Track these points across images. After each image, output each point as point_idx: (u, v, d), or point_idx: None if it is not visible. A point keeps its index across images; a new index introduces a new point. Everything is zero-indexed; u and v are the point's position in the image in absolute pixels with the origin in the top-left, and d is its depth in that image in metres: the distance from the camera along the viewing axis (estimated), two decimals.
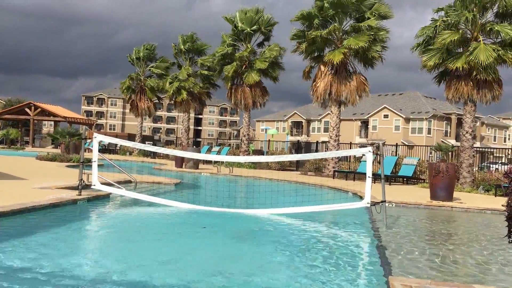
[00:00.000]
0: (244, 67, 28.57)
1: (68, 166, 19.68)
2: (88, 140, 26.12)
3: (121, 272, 5.00)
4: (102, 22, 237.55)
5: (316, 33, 21.54)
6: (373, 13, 21.44)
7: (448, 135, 60.67)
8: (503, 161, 32.15)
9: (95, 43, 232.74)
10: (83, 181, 9.93)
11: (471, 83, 17.22)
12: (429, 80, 23.98)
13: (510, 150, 24.32)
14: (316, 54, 22.84)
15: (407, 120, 60.12)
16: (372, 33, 21.09)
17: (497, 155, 42.27)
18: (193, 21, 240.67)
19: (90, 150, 11.65)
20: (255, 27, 28.62)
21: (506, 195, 7.49)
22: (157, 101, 41.44)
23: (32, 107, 49.90)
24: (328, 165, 22.77)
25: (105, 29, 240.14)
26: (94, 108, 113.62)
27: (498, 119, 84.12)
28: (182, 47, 35.51)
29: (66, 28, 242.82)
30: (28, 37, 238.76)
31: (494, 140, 70.81)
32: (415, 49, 18.47)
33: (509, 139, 79.31)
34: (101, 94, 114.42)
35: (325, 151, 25.55)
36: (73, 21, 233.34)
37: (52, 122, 61.79)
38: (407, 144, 43.08)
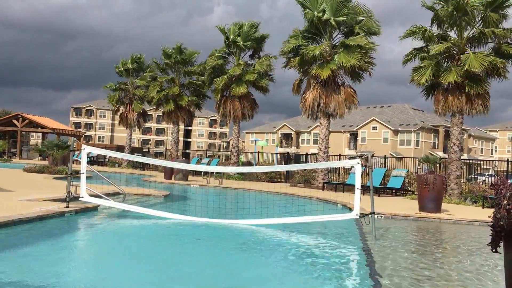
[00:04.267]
0: (234, 79, 28.72)
1: (55, 178, 19.49)
2: (77, 152, 25.94)
3: (108, 287, 4.94)
4: (99, 36, 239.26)
5: (305, 50, 21.69)
6: (362, 28, 21.69)
7: (436, 147, 61.18)
8: (490, 173, 32.49)
9: (89, 57, 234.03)
10: (71, 193, 9.83)
11: (461, 96, 17.42)
12: (418, 93, 24.27)
13: (496, 162, 24.58)
14: (305, 67, 23.00)
15: (396, 132, 60.57)
16: (364, 51, 21.34)
17: (484, 167, 42.72)
18: (189, 36, 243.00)
19: (79, 162, 11.57)
20: (249, 43, 28.83)
21: (493, 207, 7.57)
22: (145, 112, 41.38)
23: (20, 119, 49.51)
24: (318, 176, 22.82)
25: (101, 43, 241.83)
26: (82, 119, 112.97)
27: (485, 131, 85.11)
28: (167, 61, 35.44)
29: (62, 42, 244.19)
30: (23, 50, 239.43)
31: (481, 152, 71.54)
32: (405, 63, 18.71)
33: (495, 151, 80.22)
34: (90, 106, 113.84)
35: (315, 162, 25.63)
36: (69, 35, 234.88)
37: (40, 134, 61.30)
38: (395, 156, 43.36)
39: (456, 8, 16.87)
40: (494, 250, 3.76)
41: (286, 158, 35.55)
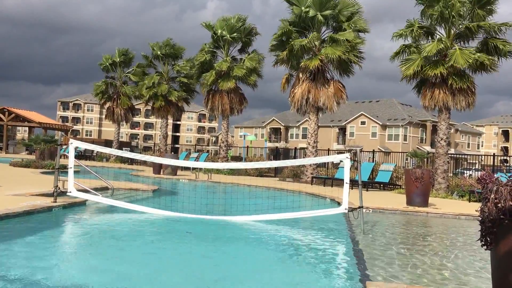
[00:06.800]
0: (223, 73, 28.61)
1: (43, 173, 19.32)
2: (64, 146, 25.71)
3: (96, 281, 4.92)
4: (91, 31, 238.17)
5: (294, 42, 21.67)
6: (350, 25, 21.72)
7: (424, 141, 61.70)
8: (477, 167, 32.87)
9: (80, 51, 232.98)
10: (59, 188, 9.75)
11: (446, 90, 17.56)
12: (406, 89, 24.40)
13: (483, 156, 24.87)
14: (294, 62, 22.98)
15: (384, 127, 60.93)
16: (349, 45, 21.39)
17: (471, 161, 43.19)
18: (182, 32, 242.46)
19: (66, 156, 11.47)
20: (235, 34, 28.73)
21: (479, 201, 7.68)
22: (134, 106, 41.15)
23: (6, 113, 48.89)
24: (306, 171, 22.89)
25: (93, 38, 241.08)
26: (70, 113, 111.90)
27: (471, 126, 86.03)
28: (158, 52, 35.43)
29: (53, 37, 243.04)
30: (14, 45, 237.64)
31: (468, 147, 72.32)
32: (393, 58, 18.77)
33: (482, 145, 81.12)
34: (77, 100, 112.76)
35: (303, 157, 25.70)
36: (61, 30, 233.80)
37: (27, 128, 60.67)
38: (383, 150, 43.64)
39: (442, 13, 16.96)
40: (485, 247, 3.79)
41: (275, 153, 35.60)
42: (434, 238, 9.13)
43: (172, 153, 42.94)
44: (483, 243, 3.80)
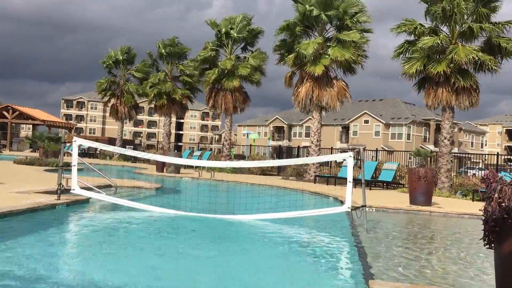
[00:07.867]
0: (226, 72, 28.57)
1: (46, 170, 19.36)
2: (68, 144, 25.80)
3: (99, 279, 4.94)
4: (96, 29, 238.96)
5: (299, 49, 21.58)
6: (353, 21, 21.65)
7: (427, 140, 61.52)
8: (480, 166, 32.78)
9: (85, 50, 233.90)
10: (62, 186, 9.77)
11: (450, 89, 17.49)
12: (410, 88, 24.27)
13: (486, 155, 24.81)
14: (298, 61, 22.91)
15: (387, 125, 60.79)
16: (357, 46, 21.36)
17: (474, 160, 43.09)
18: (188, 30, 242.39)
19: (70, 154, 11.51)
20: (242, 35, 28.71)
21: (483, 200, 7.66)
22: (137, 104, 41.20)
23: (10, 110, 49.09)
24: (309, 170, 22.87)
25: (99, 36, 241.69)
26: (73, 111, 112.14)
27: (475, 125, 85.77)
28: (162, 50, 35.50)
29: (59, 35, 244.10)
30: (20, 43, 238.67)
31: (472, 146, 72.10)
32: (396, 57, 18.68)
33: (486, 145, 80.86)
34: (81, 98, 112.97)
35: (307, 156, 25.69)
36: (67, 28, 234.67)
37: (31, 126, 60.87)
38: (387, 149, 43.57)
39: (444, 9, 16.89)
40: (488, 246, 3.78)
41: (278, 151, 35.59)
42: (437, 237, 9.12)
43: (175, 151, 43.02)
44: (486, 242, 3.79)
